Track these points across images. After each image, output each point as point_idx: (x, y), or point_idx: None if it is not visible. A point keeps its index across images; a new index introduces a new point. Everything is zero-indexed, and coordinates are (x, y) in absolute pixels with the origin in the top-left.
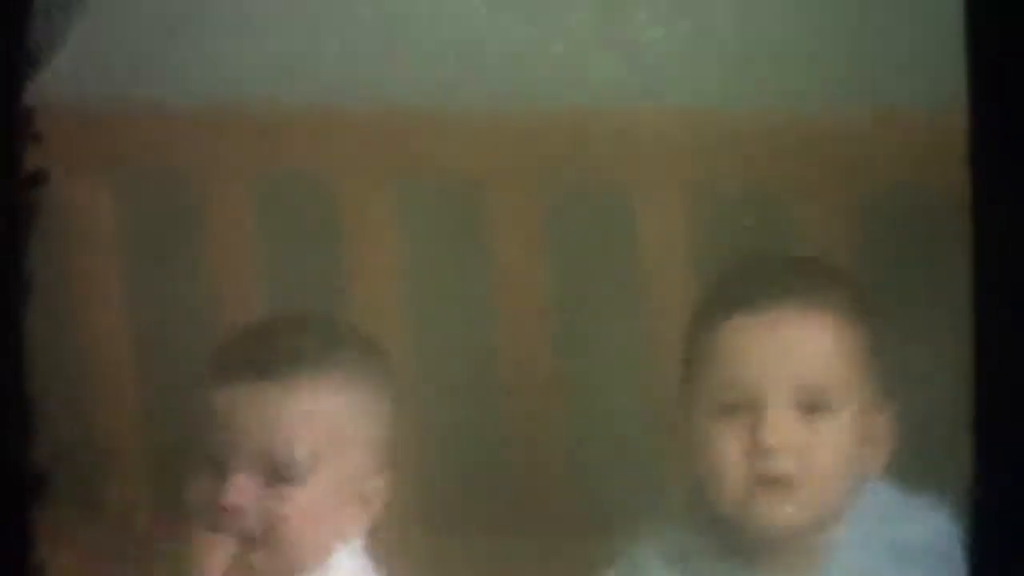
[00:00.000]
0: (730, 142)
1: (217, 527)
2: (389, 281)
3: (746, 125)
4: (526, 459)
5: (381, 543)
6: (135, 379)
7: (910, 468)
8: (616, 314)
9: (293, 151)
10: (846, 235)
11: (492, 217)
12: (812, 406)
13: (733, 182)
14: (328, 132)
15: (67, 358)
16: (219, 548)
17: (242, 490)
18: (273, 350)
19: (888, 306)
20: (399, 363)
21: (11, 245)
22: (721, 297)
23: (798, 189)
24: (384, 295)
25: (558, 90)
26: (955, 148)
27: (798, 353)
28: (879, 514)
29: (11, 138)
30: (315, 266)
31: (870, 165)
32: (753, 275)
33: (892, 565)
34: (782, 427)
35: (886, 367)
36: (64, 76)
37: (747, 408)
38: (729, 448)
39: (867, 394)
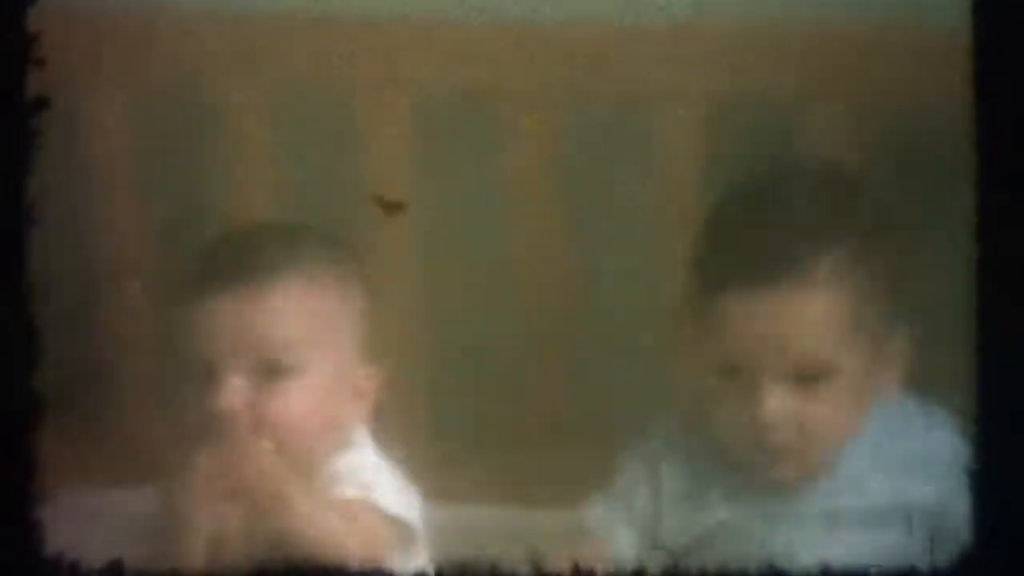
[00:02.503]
0: (741, 51)
1: (212, 432)
2: (403, 189)
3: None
4: (538, 363)
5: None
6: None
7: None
8: (629, 223)
9: (307, 58)
10: (855, 141)
11: (508, 128)
12: (811, 376)
13: (745, 90)
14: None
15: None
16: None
17: (235, 392)
18: (249, 256)
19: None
20: (412, 263)
21: (14, 171)
22: (717, 261)
23: (807, 95)
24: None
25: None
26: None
27: (794, 329)
28: (888, 429)
29: (13, 64)
30: (330, 170)
31: (874, 75)
32: (739, 240)
33: (900, 473)
34: (778, 401)
35: (899, 287)
36: None
37: (745, 375)
38: (728, 411)
39: (877, 331)
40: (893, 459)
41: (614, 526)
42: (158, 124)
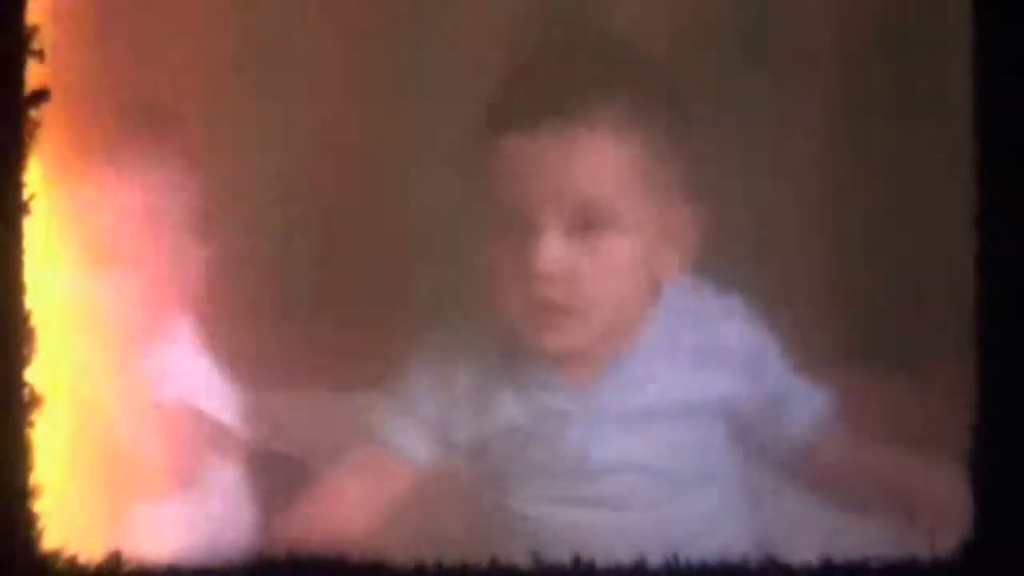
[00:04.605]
0: None
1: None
2: None
3: None
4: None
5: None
6: None
7: (719, 267)
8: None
9: None
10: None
11: None
12: (588, 224)
13: None
14: None
15: None
16: None
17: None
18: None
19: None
20: None
21: (12, 163)
22: (493, 113)
23: None
24: None
25: None
26: None
27: (570, 173)
28: (683, 315)
29: (13, 56)
30: None
31: None
32: (528, 86)
33: (694, 366)
34: (553, 253)
35: (692, 161)
36: None
37: (521, 230)
38: (504, 270)
39: (661, 195)
40: (688, 351)
41: (401, 428)
42: None
